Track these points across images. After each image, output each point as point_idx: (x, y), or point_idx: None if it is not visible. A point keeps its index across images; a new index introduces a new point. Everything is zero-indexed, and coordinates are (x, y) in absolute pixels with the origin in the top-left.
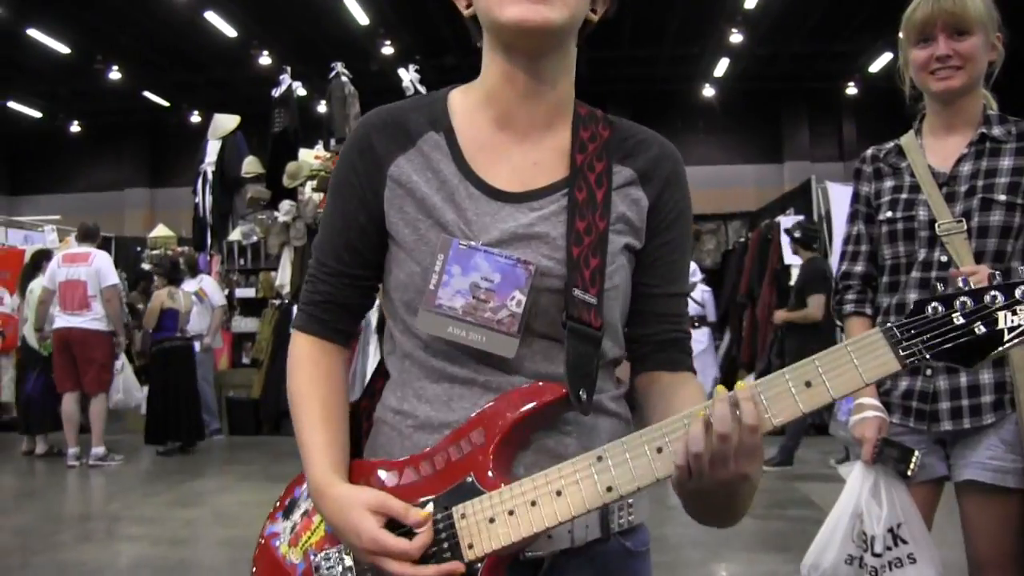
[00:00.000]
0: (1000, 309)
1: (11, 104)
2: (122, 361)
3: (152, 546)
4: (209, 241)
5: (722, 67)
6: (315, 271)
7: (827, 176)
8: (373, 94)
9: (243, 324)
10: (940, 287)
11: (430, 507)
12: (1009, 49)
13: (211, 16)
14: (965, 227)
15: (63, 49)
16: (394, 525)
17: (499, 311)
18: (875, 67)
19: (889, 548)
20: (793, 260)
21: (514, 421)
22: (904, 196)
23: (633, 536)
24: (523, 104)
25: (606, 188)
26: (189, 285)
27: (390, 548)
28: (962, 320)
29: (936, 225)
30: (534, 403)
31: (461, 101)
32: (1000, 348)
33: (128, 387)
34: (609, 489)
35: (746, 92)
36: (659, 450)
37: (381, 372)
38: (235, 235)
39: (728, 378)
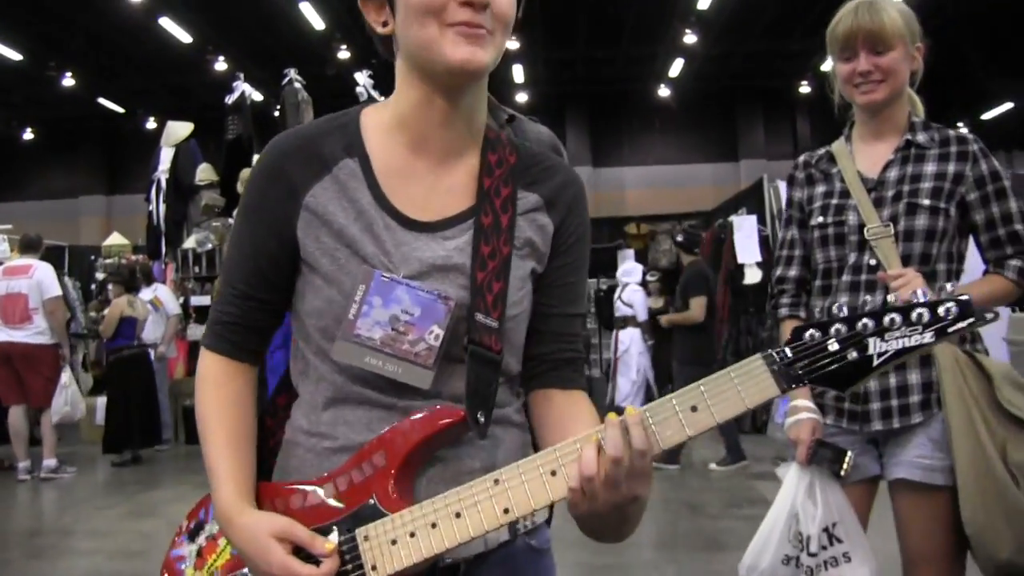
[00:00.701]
0: (870, 336)
1: None
2: (68, 375)
3: (106, 560)
4: (164, 249)
5: (677, 67)
6: (225, 292)
7: (782, 173)
8: (330, 97)
9: (198, 332)
10: (867, 301)
11: (334, 536)
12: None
13: (165, 22)
14: (892, 231)
15: (15, 56)
16: (302, 551)
17: (417, 344)
18: (827, 66)
19: (824, 547)
20: (747, 259)
21: (414, 443)
22: (835, 201)
23: (537, 535)
24: (439, 130)
25: (511, 213)
26: (144, 294)
27: (300, 573)
28: (836, 346)
29: (865, 229)
30: (433, 426)
31: (375, 123)
32: (870, 373)
33: (73, 401)
34: (506, 511)
35: (701, 91)
36: (553, 473)
37: (282, 389)
38: (190, 243)
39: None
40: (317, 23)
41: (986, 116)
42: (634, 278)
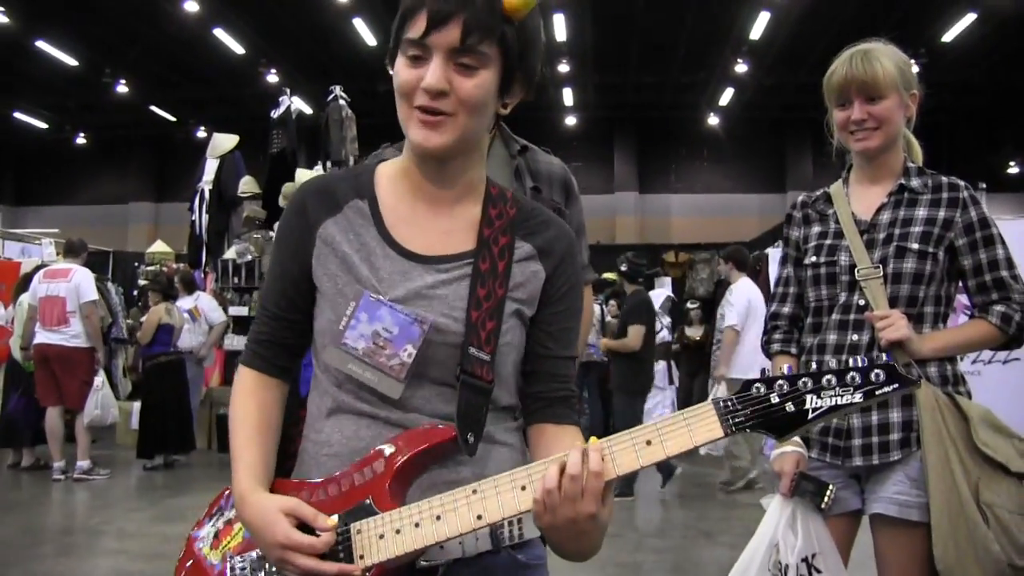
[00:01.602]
0: (808, 393)
1: (18, 115)
2: (101, 379)
3: (129, 561)
4: (204, 259)
5: (727, 96)
6: (260, 314)
7: None
8: (381, 114)
9: (236, 342)
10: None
11: (335, 517)
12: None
13: (220, 33)
14: (882, 273)
15: (71, 61)
16: (305, 531)
17: (392, 358)
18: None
19: None
20: None
21: (410, 456)
22: (828, 242)
23: (525, 550)
24: (432, 182)
25: (508, 260)
26: (186, 302)
27: (299, 542)
28: (777, 399)
29: (856, 270)
30: (427, 441)
31: (387, 172)
32: (805, 424)
33: (105, 404)
34: (479, 517)
35: (751, 121)
36: (523, 488)
37: (303, 403)
38: (230, 253)
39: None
40: (369, 39)
41: None
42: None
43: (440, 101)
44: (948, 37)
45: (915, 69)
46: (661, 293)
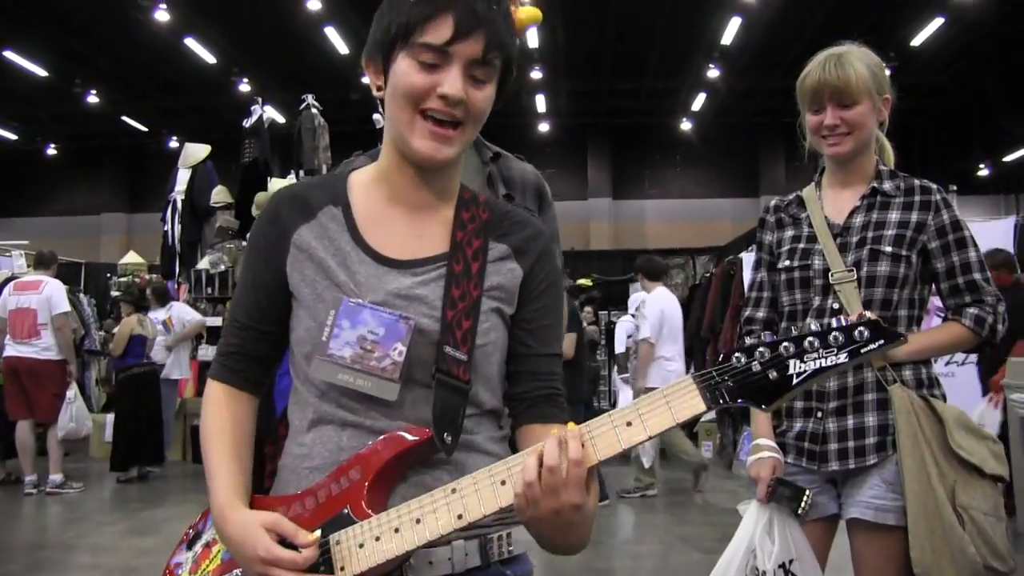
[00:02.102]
0: (790, 358)
1: None
2: (74, 391)
3: (105, 575)
4: (177, 269)
5: (700, 101)
6: (228, 326)
7: None
8: (355, 121)
9: (210, 352)
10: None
11: (318, 532)
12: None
13: (191, 42)
14: (856, 276)
15: (41, 72)
16: (288, 547)
17: (383, 360)
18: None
19: None
20: None
21: (387, 460)
22: (802, 246)
23: (514, 565)
24: (412, 188)
25: (481, 262)
26: (159, 314)
27: (279, 557)
28: (759, 368)
29: (829, 274)
30: (403, 444)
31: (360, 180)
32: (790, 391)
33: (79, 417)
34: (460, 516)
35: (724, 126)
36: (503, 482)
37: (284, 418)
38: (203, 264)
39: None
40: (341, 47)
41: (1008, 158)
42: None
43: (457, 108)
44: (917, 41)
45: (887, 73)
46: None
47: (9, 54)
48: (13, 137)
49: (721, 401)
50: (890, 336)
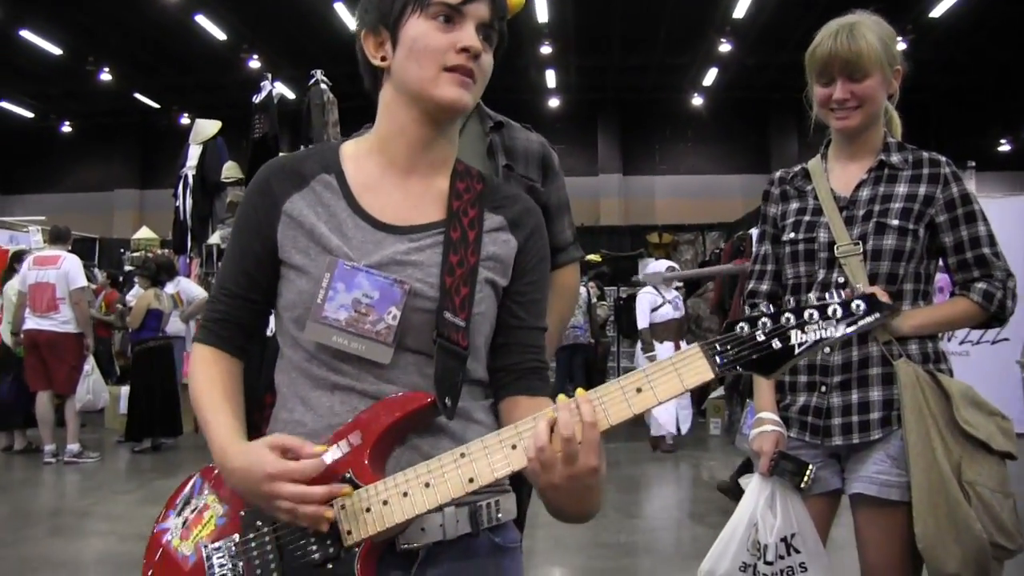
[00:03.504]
0: (792, 328)
1: (3, 104)
2: (91, 364)
3: (119, 542)
4: (189, 244)
5: (711, 76)
6: (216, 293)
7: None
8: (364, 97)
9: None
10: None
11: (323, 445)
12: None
13: (201, 19)
14: (861, 249)
15: (55, 50)
16: None
17: (377, 323)
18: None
19: (782, 557)
20: None
21: (388, 424)
22: (807, 218)
23: (502, 532)
24: (414, 155)
25: (478, 231)
26: (168, 288)
27: (286, 468)
28: (763, 337)
29: (835, 247)
30: (404, 408)
31: (353, 150)
32: (792, 359)
33: (96, 389)
34: (471, 480)
35: (735, 101)
36: (513, 447)
37: (269, 387)
38: (214, 239)
39: (701, 389)
40: (351, 23)
41: None
42: (655, 281)
43: (474, 63)
44: (936, 13)
45: (902, 46)
46: (660, 265)
47: (25, 33)
48: (29, 115)
49: (726, 369)
50: (886, 308)
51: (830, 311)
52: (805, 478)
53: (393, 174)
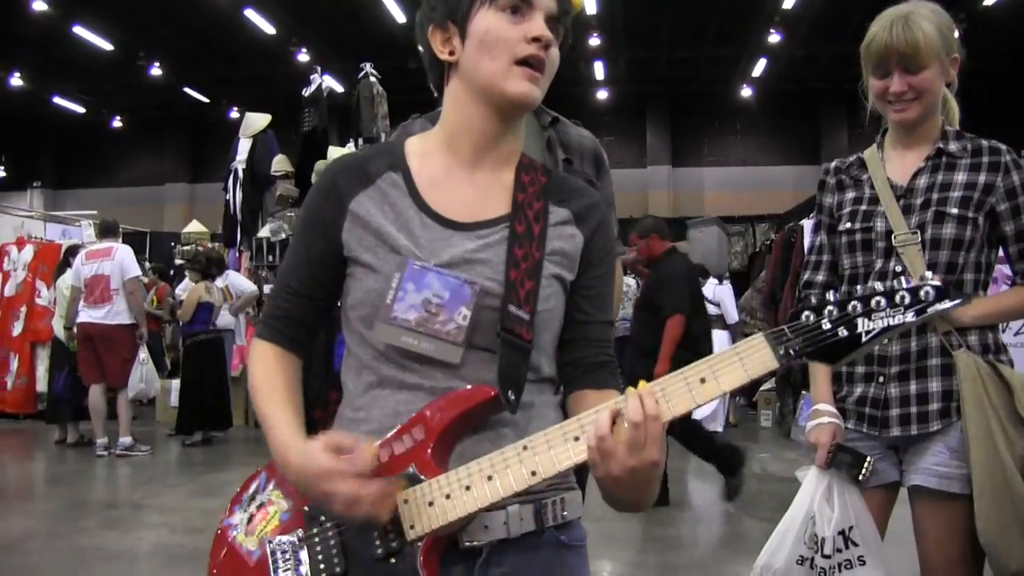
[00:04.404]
0: (859, 316)
1: (56, 99)
2: (145, 353)
3: (170, 534)
4: (239, 237)
5: (760, 67)
6: (279, 290)
7: None
8: (412, 91)
9: None
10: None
11: (376, 444)
12: None
13: (251, 13)
14: (919, 239)
15: (107, 46)
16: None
17: (447, 324)
18: None
19: (839, 550)
20: None
21: (451, 418)
22: (863, 208)
23: (568, 530)
24: (482, 150)
25: (543, 224)
26: (217, 282)
27: (338, 467)
28: (829, 325)
29: (892, 236)
30: (468, 402)
31: (418, 147)
32: (859, 348)
33: (148, 378)
34: (534, 473)
35: (784, 93)
36: (576, 439)
37: (332, 383)
38: (264, 232)
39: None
40: (399, 16)
41: None
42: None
43: (544, 53)
44: (989, 1)
45: (955, 35)
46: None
47: (77, 29)
48: (81, 110)
49: (792, 358)
50: (955, 296)
51: (898, 298)
52: (863, 470)
53: (460, 169)
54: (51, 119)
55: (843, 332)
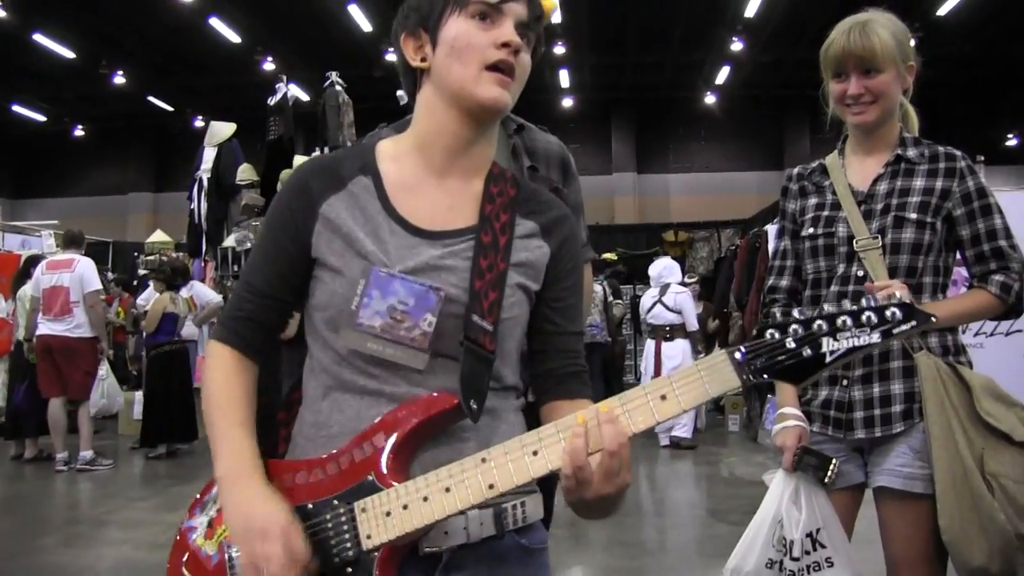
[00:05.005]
0: (824, 336)
1: (16, 108)
2: (105, 368)
3: (133, 550)
4: (204, 247)
5: (724, 74)
6: (242, 291)
7: None
8: (378, 99)
9: None
10: (847, 303)
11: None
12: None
13: (216, 22)
14: (880, 243)
15: (68, 54)
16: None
17: (413, 330)
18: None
19: (808, 552)
20: None
21: (412, 427)
22: (826, 213)
23: (529, 534)
24: (452, 157)
25: (509, 236)
26: (182, 292)
27: (301, 549)
28: (793, 344)
29: (854, 241)
30: (429, 410)
31: (389, 151)
32: (823, 368)
33: (110, 393)
34: (491, 486)
35: (749, 99)
36: (535, 453)
37: (297, 386)
38: (229, 241)
39: None
40: (365, 25)
41: None
42: (675, 277)
43: (514, 59)
44: (943, 10)
45: (912, 42)
46: (674, 264)
47: (37, 36)
48: (41, 118)
49: (753, 378)
50: (922, 317)
51: (864, 318)
52: (829, 473)
53: (430, 175)
54: (11, 128)
55: (807, 352)
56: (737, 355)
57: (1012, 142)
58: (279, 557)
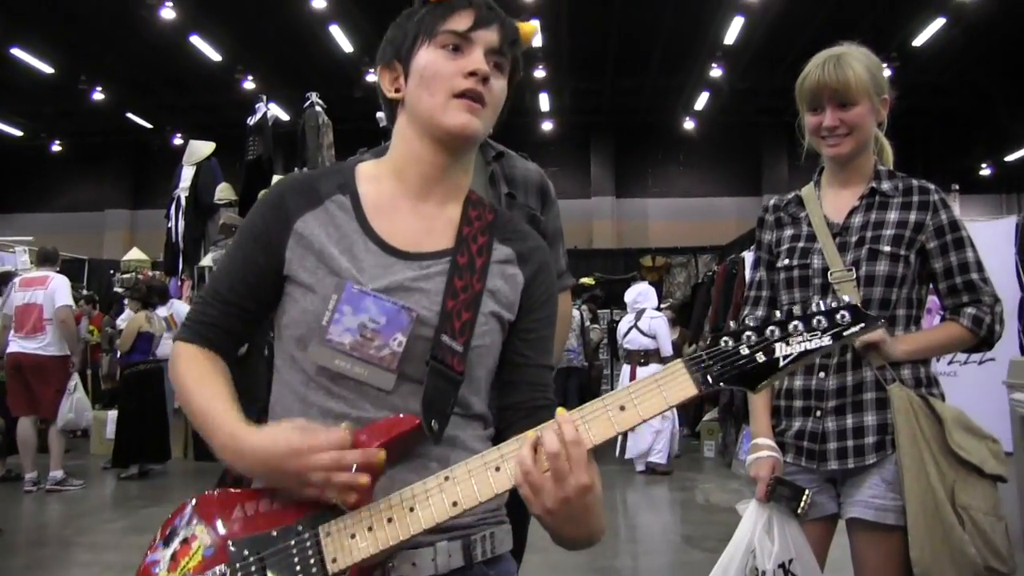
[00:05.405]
0: (776, 341)
1: None
2: (75, 382)
3: (103, 573)
4: (181, 266)
5: (703, 100)
6: (207, 297)
7: None
8: (358, 119)
9: None
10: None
11: (347, 424)
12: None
13: (196, 40)
14: (855, 275)
15: (47, 69)
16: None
17: (382, 349)
18: None
19: None
20: None
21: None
22: (801, 244)
23: (497, 565)
24: (428, 183)
25: (485, 258)
26: (160, 311)
27: (317, 440)
28: (747, 351)
29: (828, 273)
30: (391, 431)
31: (370, 171)
32: (777, 372)
33: (79, 408)
34: (455, 504)
35: (726, 125)
36: (497, 468)
37: (264, 409)
38: (207, 260)
39: (695, 412)
40: (346, 46)
41: (1010, 158)
42: (651, 303)
43: (484, 87)
44: (919, 41)
45: (887, 73)
46: (649, 289)
47: (16, 51)
48: (18, 133)
49: (711, 384)
50: (870, 320)
51: (814, 322)
52: (802, 503)
53: (407, 199)
54: None
55: (761, 357)
56: (693, 364)
57: (986, 171)
58: (320, 459)
